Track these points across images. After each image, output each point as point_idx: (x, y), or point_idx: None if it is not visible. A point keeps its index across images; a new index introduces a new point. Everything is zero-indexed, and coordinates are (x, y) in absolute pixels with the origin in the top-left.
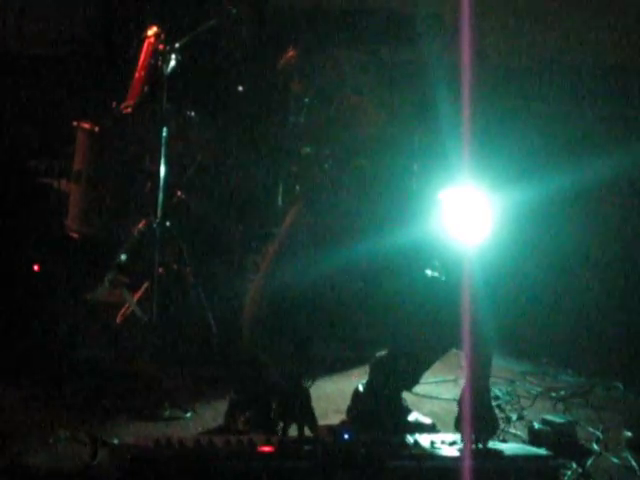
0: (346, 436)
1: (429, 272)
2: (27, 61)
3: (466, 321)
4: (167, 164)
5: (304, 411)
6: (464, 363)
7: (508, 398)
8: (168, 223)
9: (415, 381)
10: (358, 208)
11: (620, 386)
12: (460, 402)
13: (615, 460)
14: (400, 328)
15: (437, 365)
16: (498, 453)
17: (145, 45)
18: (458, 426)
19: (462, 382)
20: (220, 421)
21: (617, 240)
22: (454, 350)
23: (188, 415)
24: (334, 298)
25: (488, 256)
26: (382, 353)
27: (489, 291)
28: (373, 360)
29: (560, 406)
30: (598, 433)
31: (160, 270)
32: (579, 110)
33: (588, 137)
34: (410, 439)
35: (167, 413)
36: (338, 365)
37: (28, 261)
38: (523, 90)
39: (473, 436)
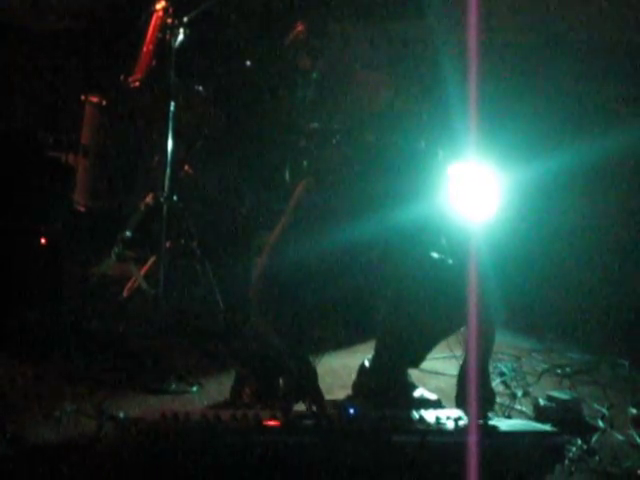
0: (351, 411)
1: (435, 254)
2: (35, 34)
3: (472, 300)
4: (174, 138)
5: (310, 388)
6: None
7: (514, 374)
8: (175, 197)
9: (421, 358)
10: (365, 184)
11: (626, 363)
12: (458, 379)
13: (620, 437)
14: (406, 307)
15: (443, 340)
16: (503, 429)
17: (153, 19)
18: (457, 402)
19: None
20: (226, 395)
21: (626, 217)
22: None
23: (194, 389)
24: (340, 276)
25: (495, 233)
26: (388, 330)
27: (495, 269)
28: (379, 336)
29: (566, 383)
30: (603, 410)
31: (167, 244)
32: (588, 87)
33: (597, 114)
34: (415, 414)
35: (173, 387)
36: (344, 341)
37: (35, 234)
38: (532, 67)
39: (477, 412)
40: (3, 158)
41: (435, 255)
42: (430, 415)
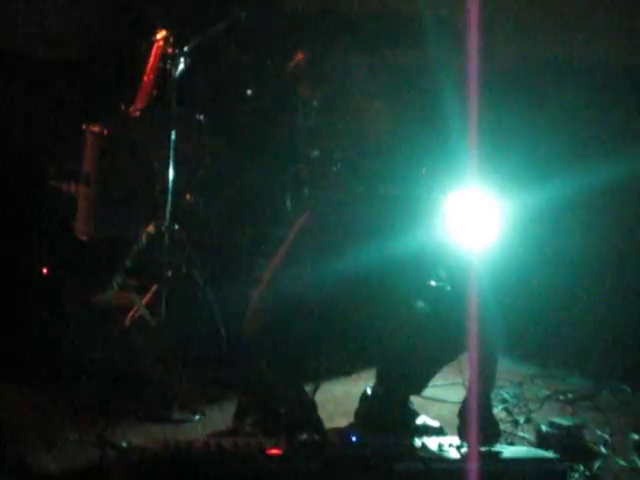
0: (354, 439)
1: (434, 282)
2: (36, 63)
3: (473, 328)
4: (176, 167)
5: (310, 420)
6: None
7: (516, 401)
8: (177, 226)
9: (423, 386)
10: (365, 212)
11: (628, 389)
12: (461, 410)
13: (623, 463)
14: (407, 336)
15: (445, 368)
16: (506, 456)
17: (154, 48)
18: (460, 433)
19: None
20: (228, 424)
21: (625, 243)
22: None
23: (196, 417)
24: (340, 305)
25: (495, 260)
26: (389, 358)
27: (496, 296)
28: (380, 364)
29: (568, 409)
30: (606, 436)
31: (169, 273)
32: (588, 113)
33: (597, 141)
34: (418, 442)
35: (176, 415)
36: (346, 368)
37: (38, 264)
38: (531, 94)
39: (480, 439)
40: (4, 187)
41: (435, 283)
42: (432, 442)
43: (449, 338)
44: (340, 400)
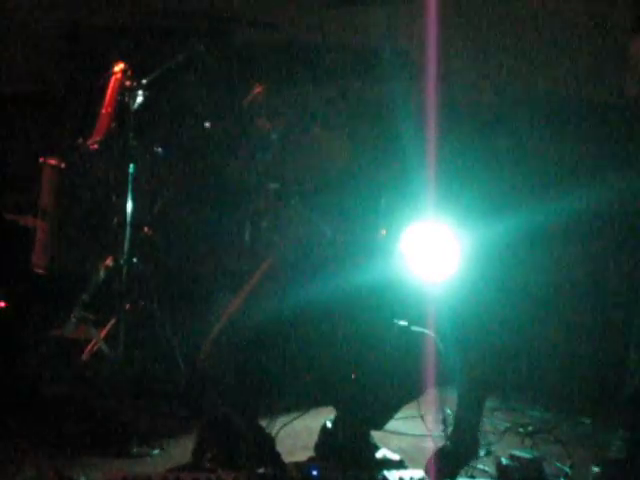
0: (314, 473)
1: (396, 320)
2: None
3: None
4: (134, 200)
5: (268, 455)
6: (431, 399)
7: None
8: (135, 259)
9: (383, 421)
10: (324, 244)
11: (588, 421)
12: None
13: None
14: (367, 373)
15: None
16: None
17: (112, 81)
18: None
19: (429, 418)
20: (187, 458)
21: (587, 275)
22: None
23: (156, 452)
24: (299, 342)
25: (455, 293)
26: (349, 393)
27: (455, 330)
28: (340, 399)
29: (528, 441)
30: (566, 469)
31: (127, 307)
32: (549, 146)
33: (559, 173)
34: (379, 476)
35: (135, 450)
36: (305, 402)
37: None
38: (492, 126)
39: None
40: None
41: (395, 320)
42: (393, 476)
43: (410, 376)
44: (300, 434)
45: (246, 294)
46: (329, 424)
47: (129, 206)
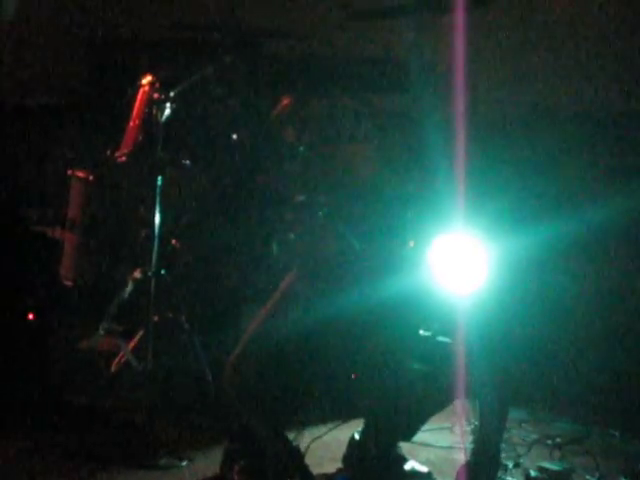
0: None
1: (422, 331)
2: (22, 110)
3: (461, 375)
4: (162, 213)
5: (296, 467)
6: (460, 410)
7: (504, 446)
8: (163, 271)
9: (412, 433)
10: (352, 257)
11: (616, 433)
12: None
13: None
14: (395, 384)
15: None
16: None
17: (140, 93)
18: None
19: (459, 430)
20: (215, 470)
21: (616, 287)
22: None
23: (184, 464)
24: (326, 355)
25: (483, 305)
26: (377, 405)
27: (483, 342)
28: (368, 410)
29: (556, 453)
30: None
31: (155, 319)
32: (575, 157)
33: (585, 184)
34: None
35: (163, 462)
36: (334, 414)
37: (23, 310)
38: (520, 138)
39: None
40: None
41: (423, 331)
42: None
43: (439, 387)
44: (328, 445)
45: (273, 306)
46: (357, 436)
47: (157, 218)
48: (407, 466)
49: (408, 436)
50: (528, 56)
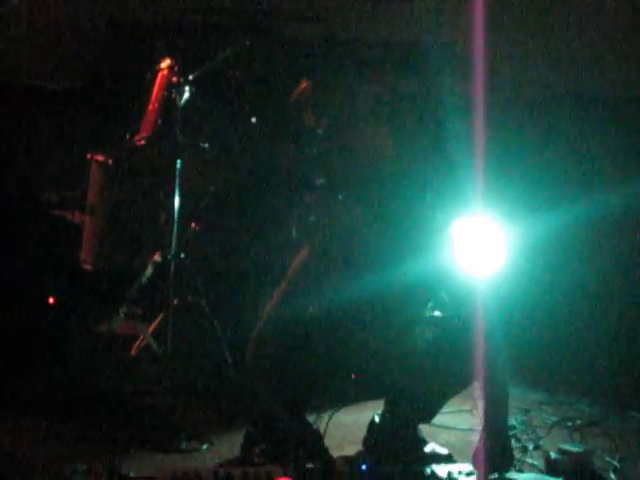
0: (363, 467)
1: (440, 311)
2: (40, 93)
3: (480, 357)
4: (181, 196)
5: (316, 451)
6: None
7: (524, 428)
8: (182, 255)
9: (432, 415)
10: (371, 239)
11: (636, 415)
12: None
13: None
14: (415, 366)
15: (454, 397)
16: None
17: (159, 77)
18: (474, 460)
19: (478, 412)
20: (236, 453)
21: (634, 269)
22: None
23: (204, 447)
24: (345, 335)
25: (502, 287)
26: (397, 387)
27: (502, 324)
28: (388, 393)
29: (576, 435)
30: (615, 462)
31: (175, 302)
32: (595, 141)
33: (606, 168)
34: (427, 470)
35: (183, 445)
36: (354, 396)
37: (43, 294)
38: (538, 120)
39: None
40: (8, 218)
41: (441, 312)
42: (442, 470)
43: (458, 368)
44: (348, 428)
45: (289, 289)
46: (377, 419)
47: (176, 202)
48: (427, 448)
49: (428, 418)
50: (552, 37)
